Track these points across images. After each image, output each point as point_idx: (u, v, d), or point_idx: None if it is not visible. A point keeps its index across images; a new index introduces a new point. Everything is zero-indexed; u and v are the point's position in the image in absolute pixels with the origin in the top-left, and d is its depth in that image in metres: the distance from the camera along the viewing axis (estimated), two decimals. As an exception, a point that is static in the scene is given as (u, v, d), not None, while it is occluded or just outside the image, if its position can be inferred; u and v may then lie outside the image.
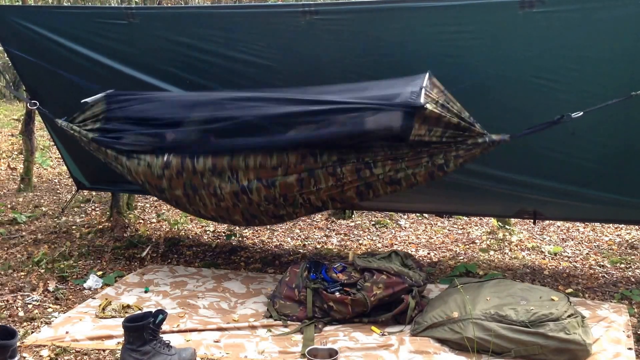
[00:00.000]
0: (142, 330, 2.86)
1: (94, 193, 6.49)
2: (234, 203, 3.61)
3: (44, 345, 3.14)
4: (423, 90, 3.03)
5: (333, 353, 2.98)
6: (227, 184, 3.52)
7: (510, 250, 5.02)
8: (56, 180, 7.78)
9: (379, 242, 5.32)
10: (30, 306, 3.72)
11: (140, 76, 4.11)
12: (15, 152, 9.06)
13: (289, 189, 3.45)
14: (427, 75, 3.14)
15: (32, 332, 3.31)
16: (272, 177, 3.42)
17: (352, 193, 3.44)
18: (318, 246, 5.19)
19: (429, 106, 2.99)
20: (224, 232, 5.48)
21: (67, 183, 7.49)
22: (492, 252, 4.95)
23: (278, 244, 5.25)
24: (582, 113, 3.06)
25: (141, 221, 5.85)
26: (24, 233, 5.37)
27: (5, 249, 4.91)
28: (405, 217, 6.03)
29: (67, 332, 3.28)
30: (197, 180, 3.57)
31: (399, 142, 3.19)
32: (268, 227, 5.72)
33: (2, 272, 4.30)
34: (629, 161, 3.68)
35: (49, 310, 3.67)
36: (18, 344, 2.87)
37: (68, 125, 3.89)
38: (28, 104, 4.01)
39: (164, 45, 3.99)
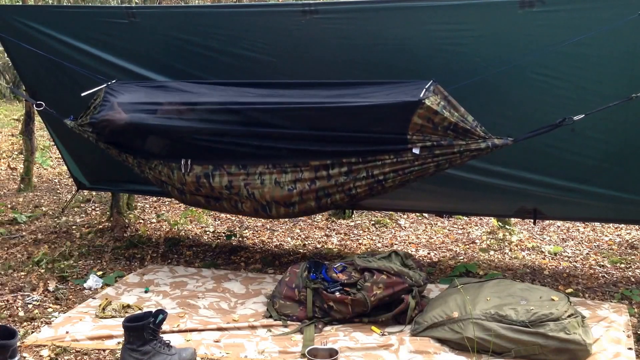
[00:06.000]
0: (142, 330, 2.86)
1: (94, 193, 6.48)
2: (254, 212, 3.84)
3: (44, 345, 3.14)
4: (424, 91, 3.15)
5: (333, 353, 2.98)
6: (247, 200, 3.69)
7: (510, 250, 5.02)
8: (56, 180, 7.78)
9: (379, 242, 5.32)
10: (30, 306, 3.72)
11: (144, 72, 4.13)
12: (15, 152, 9.05)
13: (307, 205, 3.64)
14: (431, 82, 3.23)
15: (32, 332, 3.31)
16: (289, 199, 3.58)
17: (363, 194, 3.62)
18: (318, 246, 5.19)
19: (427, 102, 3.11)
20: (224, 233, 5.48)
21: (67, 183, 7.49)
22: (492, 252, 4.95)
23: (278, 244, 5.24)
24: (583, 115, 3.09)
25: (141, 221, 5.84)
26: (24, 233, 5.36)
27: (5, 249, 4.90)
28: (405, 217, 6.02)
29: (67, 332, 3.28)
30: (217, 195, 3.77)
31: (400, 132, 3.25)
32: (268, 227, 5.74)
33: (2, 272, 4.30)
34: (629, 158, 3.68)
35: (49, 310, 3.67)
36: (18, 343, 2.86)
37: (77, 126, 3.91)
38: (34, 105, 4.01)
39: (167, 42, 4.01)
